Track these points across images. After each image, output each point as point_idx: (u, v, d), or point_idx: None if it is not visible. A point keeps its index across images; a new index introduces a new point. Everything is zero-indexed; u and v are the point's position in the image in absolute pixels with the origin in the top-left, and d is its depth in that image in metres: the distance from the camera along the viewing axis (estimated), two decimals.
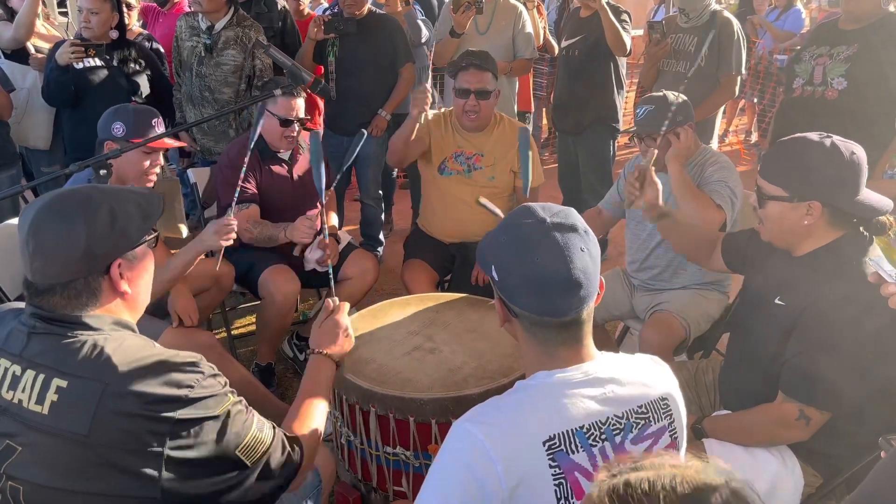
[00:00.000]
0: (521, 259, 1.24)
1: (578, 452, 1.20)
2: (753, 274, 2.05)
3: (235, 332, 3.64)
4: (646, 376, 1.32)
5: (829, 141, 1.74)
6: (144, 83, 3.70)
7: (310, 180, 3.20)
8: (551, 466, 1.18)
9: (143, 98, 3.67)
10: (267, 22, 4.11)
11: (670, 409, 1.31)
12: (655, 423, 1.28)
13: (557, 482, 1.18)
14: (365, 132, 2.56)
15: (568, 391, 1.24)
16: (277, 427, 1.43)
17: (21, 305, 1.38)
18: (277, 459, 1.37)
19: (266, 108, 2.97)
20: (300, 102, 3.03)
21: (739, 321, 2.09)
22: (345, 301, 1.86)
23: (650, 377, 1.32)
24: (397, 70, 4.05)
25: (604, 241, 4.51)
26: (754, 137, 7.55)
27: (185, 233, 3.58)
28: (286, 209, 3.11)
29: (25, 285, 1.32)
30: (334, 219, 3.40)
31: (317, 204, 3.16)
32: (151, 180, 2.65)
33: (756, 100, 7.18)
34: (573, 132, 4.21)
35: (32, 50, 3.75)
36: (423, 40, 4.55)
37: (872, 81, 2.92)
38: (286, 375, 3.35)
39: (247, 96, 3.75)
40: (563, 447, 1.19)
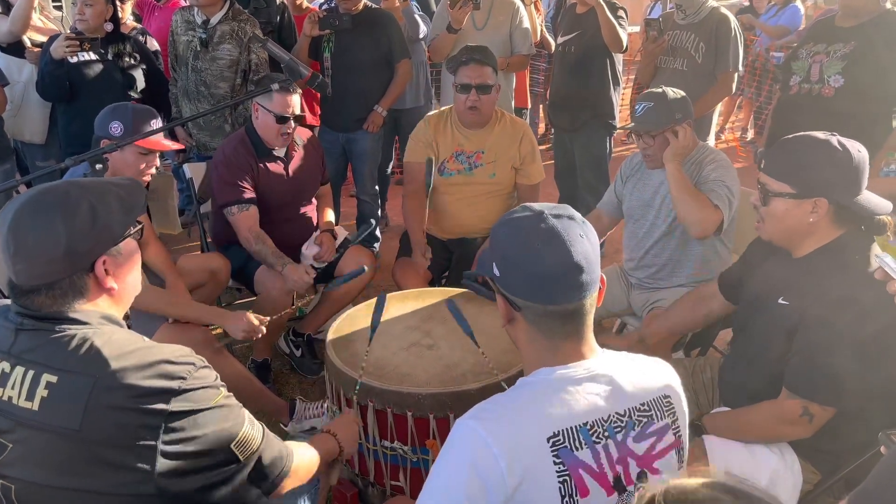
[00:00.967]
0: (522, 248, 1.25)
1: (582, 449, 1.20)
2: (753, 278, 2.05)
3: None
4: (648, 374, 1.32)
5: (836, 139, 1.75)
6: (140, 77, 3.68)
7: (305, 177, 3.20)
8: (555, 463, 1.17)
9: (140, 92, 3.65)
10: (265, 17, 4.10)
11: (673, 407, 1.31)
12: (658, 421, 1.28)
13: (562, 479, 1.18)
14: (374, 222, 2.58)
15: (570, 388, 1.23)
16: (266, 428, 1.42)
17: (7, 302, 1.36)
18: (268, 459, 1.36)
19: (261, 105, 2.96)
20: (296, 99, 3.01)
21: (742, 322, 2.09)
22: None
23: (652, 375, 1.32)
24: (393, 66, 4.03)
25: (601, 240, 4.50)
26: (750, 134, 7.56)
27: (179, 229, 3.57)
28: (282, 206, 3.10)
29: (10, 286, 1.29)
30: (331, 215, 3.39)
31: (305, 201, 3.18)
32: (146, 180, 2.64)
33: (753, 97, 7.18)
34: (569, 129, 4.20)
35: (28, 43, 3.72)
36: (421, 36, 4.53)
37: (869, 79, 2.91)
38: (282, 371, 3.34)
39: (243, 91, 3.74)
40: (568, 444, 1.19)
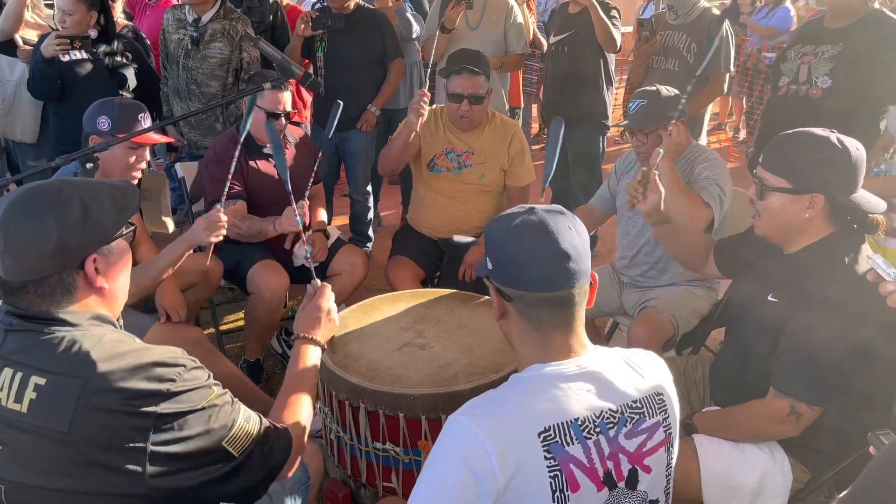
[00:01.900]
0: (512, 238, 1.29)
1: (573, 445, 1.20)
2: (745, 273, 2.06)
3: (223, 328, 3.63)
4: (641, 371, 1.32)
5: (835, 136, 1.76)
6: (131, 76, 3.66)
7: (297, 174, 3.18)
8: (546, 458, 1.18)
9: (131, 91, 3.63)
10: (258, 16, 4.08)
11: (665, 405, 1.32)
12: (650, 419, 1.28)
13: (553, 474, 1.18)
14: (341, 103, 2.56)
15: (562, 384, 1.24)
16: (264, 417, 1.42)
17: None
18: (265, 450, 1.36)
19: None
20: (287, 96, 3.02)
21: (732, 319, 2.10)
22: (334, 297, 1.84)
23: (646, 372, 1.33)
24: (386, 65, 4.03)
25: (594, 237, 4.50)
26: (742, 134, 7.58)
27: (172, 228, 3.56)
28: (273, 203, 3.09)
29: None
30: (323, 214, 3.38)
31: (296, 197, 3.16)
32: (136, 176, 2.63)
33: (744, 97, 7.20)
34: None
35: (21, 42, 3.70)
36: (414, 35, 4.53)
37: (857, 80, 2.92)
38: (275, 371, 3.33)
39: (234, 89, 3.73)
40: (559, 439, 1.19)
